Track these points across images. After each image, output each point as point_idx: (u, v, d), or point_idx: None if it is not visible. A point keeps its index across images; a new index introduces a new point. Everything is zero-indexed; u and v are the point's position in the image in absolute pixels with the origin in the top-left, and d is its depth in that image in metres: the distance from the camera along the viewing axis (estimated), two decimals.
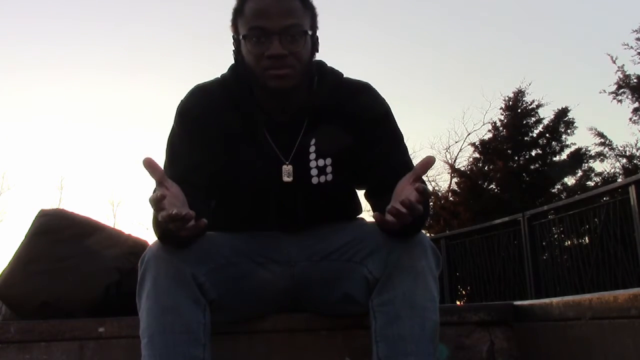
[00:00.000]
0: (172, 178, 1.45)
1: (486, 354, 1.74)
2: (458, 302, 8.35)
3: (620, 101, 12.52)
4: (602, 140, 12.70)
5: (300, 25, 1.44)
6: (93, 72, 27.93)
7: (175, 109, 1.55)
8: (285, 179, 1.51)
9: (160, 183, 1.28)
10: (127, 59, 27.48)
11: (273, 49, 1.41)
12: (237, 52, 1.51)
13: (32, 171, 30.98)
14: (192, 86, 1.57)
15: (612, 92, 12.49)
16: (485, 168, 13.78)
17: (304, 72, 1.47)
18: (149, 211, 1.28)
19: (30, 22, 26.64)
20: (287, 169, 1.52)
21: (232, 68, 1.56)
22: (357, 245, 1.48)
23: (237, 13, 1.49)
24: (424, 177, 1.37)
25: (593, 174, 13.07)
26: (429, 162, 1.31)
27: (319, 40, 1.53)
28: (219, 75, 1.58)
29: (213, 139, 1.50)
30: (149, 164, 1.27)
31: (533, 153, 13.52)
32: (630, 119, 12.59)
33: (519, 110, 13.82)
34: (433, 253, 1.41)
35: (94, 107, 28.13)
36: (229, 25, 1.51)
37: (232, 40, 1.52)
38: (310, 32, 1.47)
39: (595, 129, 12.69)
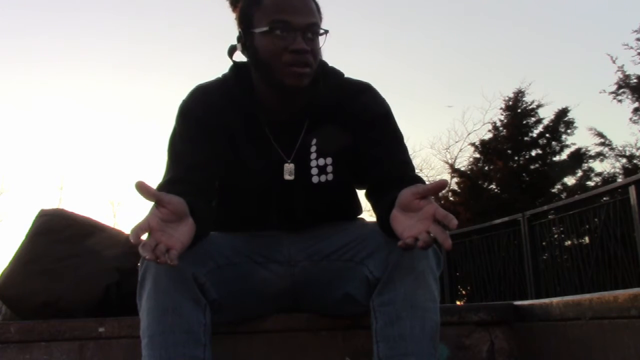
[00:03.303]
0: (174, 178, 1.45)
1: (486, 354, 1.74)
2: (458, 302, 8.35)
3: (620, 101, 12.56)
4: (602, 140, 12.72)
5: (319, 25, 1.47)
6: (94, 72, 27.94)
7: (177, 109, 1.55)
8: (287, 177, 1.52)
9: (157, 203, 1.24)
10: (128, 58, 27.49)
11: (297, 43, 1.41)
12: (246, 47, 1.49)
13: (32, 171, 30.96)
14: (194, 86, 1.58)
15: (612, 92, 12.53)
16: (485, 168, 13.80)
17: (316, 71, 1.49)
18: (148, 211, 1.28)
19: (29, 20, 26.65)
20: (288, 167, 1.52)
21: (232, 68, 1.56)
22: (357, 245, 1.48)
23: (254, 5, 1.47)
24: (424, 177, 1.37)
25: (593, 174, 13.08)
26: (442, 186, 1.28)
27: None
28: (220, 75, 1.58)
29: (215, 139, 1.50)
30: (142, 187, 1.20)
31: (533, 153, 13.54)
32: (630, 119, 12.62)
33: (519, 110, 13.84)
34: (434, 253, 1.41)
35: (95, 106, 28.13)
36: (234, 17, 1.51)
37: (239, 35, 1.50)
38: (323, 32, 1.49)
39: (595, 129, 12.73)
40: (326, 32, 1.47)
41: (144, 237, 1.21)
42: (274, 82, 1.46)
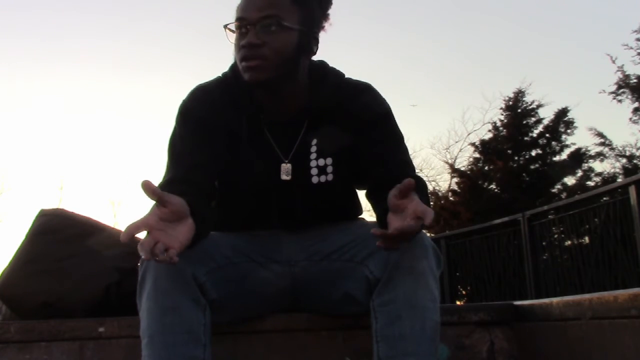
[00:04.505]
0: (174, 178, 1.45)
1: (486, 354, 1.74)
2: (458, 302, 8.35)
3: (620, 101, 12.55)
4: (602, 140, 12.72)
5: (278, 17, 1.44)
6: (95, 71, 27.92)
7: (177, 109, 1.55)
8: (284, 177, 1.52)
9: (159, 202, 1.24)
10: (128, 58, 27.47)
11: (247, 38, 1.43)
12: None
13: (32, 171, 30.94)
14: (194, 86, 1.58)
15: (612, 92, 12.52)
16: (485, 168, 13.79)
17: (283, 66, 1.46)
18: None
19: (30, 19, 26.63)
20: (285, 167, 1.52)
21: (232, 66, 1.56)
22: (358, 245, 1.48)
23: (236, 11, 1.50)
24: (424, 177, 1.36)
25: (593, 174, 13.08)
26: (408, 186, 1.25)
27: (319, 42, 1.53)
28: (220, 74, 1.58)
29: (214, 139, 1.50)
30: (147, 187, 1.21)
31: (533, 153, 13.53)
32: (630, 119, 12.62)
33: (519, 110, 13.83)
34: (434, 253, 1.41)
35: (95, 106, 28.11)
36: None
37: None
38: (296, 27, 1.46)
39: (595, 129, 12.72)
40: (282, 25, 1.43)
41: (142, 235, 1.21)
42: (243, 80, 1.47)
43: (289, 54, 1.47)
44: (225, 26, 1.49)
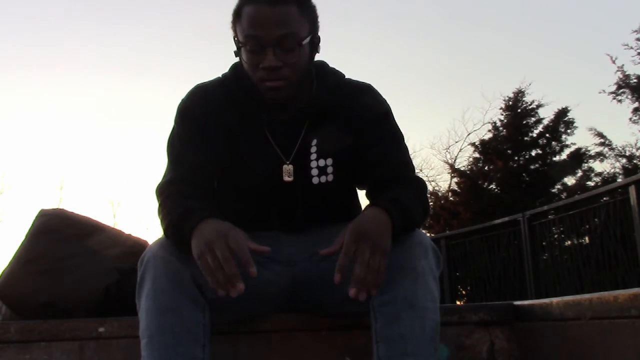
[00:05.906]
0: (175, 179, 1.45)
1: (486, 354, 1.74)
2: (458, 302, 8.35)
3: (620, 101, 12.55)
4: (602, 140, 12.72)
5: (295, 35, 1.42)
6: (94, 72, 27.91)
7: (176, 109, 1.55)
8: (286, 178, 1.52)
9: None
10: (127, 58, 27.46)
11: (267, 60, 1.41)
12: (238, 53, 1.51)
13: (32, 171, 30.93)
14: (193, 86, 1.57)
15: (612, 92, 12.52)
16: (485, 168, 13.78)
17: (301, 80, 1.47)
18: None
19: (30, 19, 26.62)
20: (287, 168, 1.52)
21: (232, 67, 1.56)
22: None
23: (236, 16, 1.48)
24: (424, 177, 1.37)
25: (593, 174, 13.07)
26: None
27: (321, 41, 1.53)
28: (220, 75, 1.58)
29: (214, 139, 1.50)
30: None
31: (533, 153, 13.52)
32: (630, 119, 12.62)
33: (519, 110, 13.83)
34: (433, 253, 1.41)
35: (95, 106, 28.10)
36: (229, 24, 1.51)
37: (234, 41, 1.52)
38: (308, 39, 1.45)
39: (595, 129, 12.72)
40: (300, 43, 1.42)
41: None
42: (258, 94, 1.47)
43: (304, 66, 1.47)
44: (239, 47, 1.45)
